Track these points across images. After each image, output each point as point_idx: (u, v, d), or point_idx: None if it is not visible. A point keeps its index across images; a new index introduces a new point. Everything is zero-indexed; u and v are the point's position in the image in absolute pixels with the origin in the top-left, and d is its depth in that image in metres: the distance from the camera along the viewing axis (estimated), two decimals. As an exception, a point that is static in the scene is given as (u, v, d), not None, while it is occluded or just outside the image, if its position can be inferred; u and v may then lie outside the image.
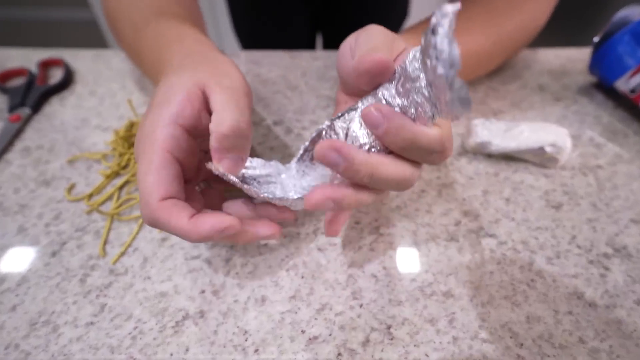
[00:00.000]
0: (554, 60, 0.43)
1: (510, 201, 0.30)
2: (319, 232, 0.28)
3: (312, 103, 0.38)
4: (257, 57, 0.44)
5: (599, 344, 0.22)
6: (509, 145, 0.31)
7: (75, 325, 0.23)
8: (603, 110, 0.37)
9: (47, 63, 0.42)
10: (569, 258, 0.26)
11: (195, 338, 0.23)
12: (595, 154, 0.33)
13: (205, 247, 0.27)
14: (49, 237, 0.28)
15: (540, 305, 0.24)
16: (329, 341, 0.22)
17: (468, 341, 0.22)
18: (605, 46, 0.36)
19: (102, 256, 0.26)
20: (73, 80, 0.42)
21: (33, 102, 0.37)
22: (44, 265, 0.26)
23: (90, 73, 0.42)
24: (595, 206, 0.29)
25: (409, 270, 0.26)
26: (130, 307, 0.24)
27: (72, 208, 0.29)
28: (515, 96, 0.39)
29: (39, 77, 0.40)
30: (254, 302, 0.24)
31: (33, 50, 0.44)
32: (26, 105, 0.37)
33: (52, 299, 0.24)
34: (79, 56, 0.44)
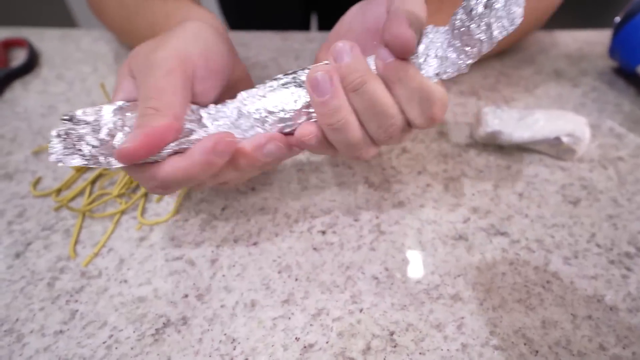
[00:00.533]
0: (572, 43, 0.44)
1: (524, 196, 0.30)
2: (315, 229, 0.28)
3: (306, 89, 0.38)
4: (246, 39, 0.44)
5: (621, 351, 0.22)
6: (522, 136, 0.31)
7: (42, 334, 0.23)
8: (624, 97, 0.38)
9: (8, 43, 0.42)
10: (587, 258, 0.26)
11: (178, 347, 0.23)
12: (616, 145, 0.34)
13: (189, 247, 0.27)
14: (12, 236, 0.27)
15: (556, 310, 0.24)
16: (326, 349, 0.22)
17: (478, 348, 0.22)
18: (628, 27, 0.36)
19: (73, 257, 0.26)
20: (38, 62, 0.41)
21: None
22: (7, 267, 0.26)
23: (57, 55, 0.42)
24: (616, 202, 0.30)
25: (413, 272, 0.26)
26: (104, 313, 0.24)
27: (38, 204, 0.29)
28: (529, 82, 0.39)
29: (0, 59, 0.40)
30: (243, 307, 0.24)
31: (-7, 29, 0.44)
32: (-14, 90, 0.37)
33: (16, 305, 0.24)
34: (45, 36, 0.44)
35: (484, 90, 0.38)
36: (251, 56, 0.42)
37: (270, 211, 0.29)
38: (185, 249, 0.27)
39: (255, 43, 0.44)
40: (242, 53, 0.42)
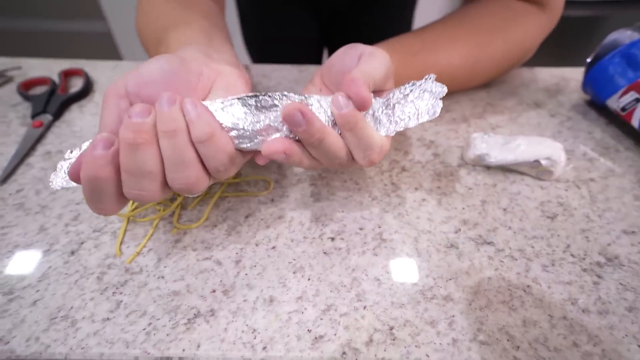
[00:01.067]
0: (549, 78, 0.44)
1: (508, 211, 0.30)
2: (325, 236, 0.28)
3: (319, 115, 0.39)
4: (267, 71, 0.45)
5: (592, 349, 0.22)
6: (506, 158, 0.32)
7: (92, 320, 0.23)
8: (596, 126, 0.38)
9: (68, 73, 0.44)
10: (563, 266, 0.26)
11: (206, 335, 0.23)
12: (588, 167, 0.34)
13: (217, 249, 0.27)
14: (68, 236, 0.28)
15: (535, 310, 0.24)
16: (334, 340, 0.23)
17: (467, 343, 0.23)
18: (597, 67, 0.37)
19: (119, 255, 0.27)
20: (92, 89, 0.43)
21: (54, 109, 0.39)
22: (64, 263, 0.26)
23: (108, 82, 0.43)
24: (588, 217, 0.30)
25: (410, 275, 0.26)
26: (144, 304, 0.24)
27: (90, 210, 0.29)
28: (513, 112, 0.39)
29: (60, 86, 0.41)
30: (263, 302, 0.24)
31: (55, 61, 0.46)
32: (48, 112, 0.38)
33: (70, 295, 0.25)
34: (98, 66, 0.45)
35: (473, 118, 0.39)
36: (271, 85, 0.43)
37: (287, 220, 0.29)
38: (213, 250, 0.27)
39: (275, 74, 0.45)
40: (263, 83, 0.43)
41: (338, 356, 0.22)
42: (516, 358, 0.22)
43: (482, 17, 0.36)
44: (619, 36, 0.37)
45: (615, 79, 0.36)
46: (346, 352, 0.22)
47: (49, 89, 0.40)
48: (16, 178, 0.32)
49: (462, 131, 0.37)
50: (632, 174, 0.33)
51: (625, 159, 0.35)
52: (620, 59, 0.36)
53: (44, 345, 0.22)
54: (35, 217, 0.29)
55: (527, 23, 0.37)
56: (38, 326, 0.23)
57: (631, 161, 0.34)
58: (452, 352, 0.22)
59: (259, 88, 0.43)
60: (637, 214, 0.30)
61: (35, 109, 0.38)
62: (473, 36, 0.35)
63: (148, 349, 0.22)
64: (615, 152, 0.35)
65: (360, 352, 0.22)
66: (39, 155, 0.35)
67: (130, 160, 0.19)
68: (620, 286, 0.25)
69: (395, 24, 0.65)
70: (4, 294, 0.25)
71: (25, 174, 0.33)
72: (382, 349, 0.22)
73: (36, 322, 0.23)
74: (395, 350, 0.22)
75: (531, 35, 0.37)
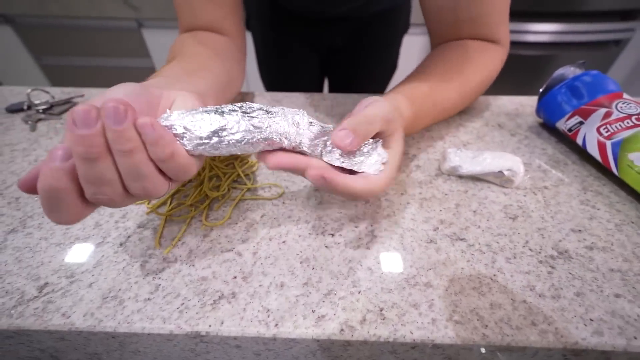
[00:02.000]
0: (509, 104, 0.44)
1: (477, 213, 0.30)
2: (326, 232, 0.28)
3: (321, 133, 0.39)
4: (279, 97, 0.46)
5: (547, 327, 0.22)
6: (475, 169, 0.32)
7: (136, 300, 0.24)
8: (548, 144, 0.38)
9: None
10: (523, 258, 0.26)
11: (228, 314, 0.23)
12: (542, 177, 0.34)
13: (238, 242, 0.27)
14: (117, 231, 0.28)
15: (500, 295, 0.24)
16: (334, 319, 0.23)
17: (444, 322, 0.22)
18: (548, 96, 0.37)
19: (158, 247, 0.27)
20: None
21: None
22: (114, 252, 0.27)
23: None
24: (543, 218, 0.30)
25: (397, 265, 0.26)
26: (178, 287, 0.24)
27: (136, 210, 0.30)
28: (480, 131, 0.40)
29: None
30: (275, 287, 0.24)
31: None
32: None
33: (119, 279, 0.25)
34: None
35: (448, 136, 0.39)
36: (283, 110, 0.43)
37: (295, 219, 0.29)
38: (234, 244, 0.27)
39: (286, 100, 0.45)
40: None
41: (337, 332, 0.22)
42: (485, 335, 0.22)
43: (463, 57, 0.36)
44: (565, 71, 0.37)
45: (562, 106, 0.36)
46: (344, 329, 0.22)
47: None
48: (76, 184, 0.33)
49: (439, 147, 0.38)
50: (578, 183, 0.33)
51: (572, 170, 0.35)
52: (566, 90, 0.36)
53: (98, 320, 0.22)
54: (92, 215, 0.30)
55: (493, 57, 0.37)
56: (93, 304, 0.23)
57: (577, 172, 0.34)
58: (431, 330, 0.22)
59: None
60: (582, 216, 0.30)
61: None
62: (460, 74, 0.36)
63: (181, 325, 0.22)
64: (564, 165, 0.35)
65: (355, 329, 0.22)
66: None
67: (87, 171, 0.16)
68: (569, 275, 0.25)
69: (382, 61, 0.66)
70: (67, 277, 0.25)
71: (84, 181, 0.33)
72: (373, 327, 0.22)
73: (91, 301, 0.23)
74: (384, 327, 0.22)
75: (496, 66, 0.38)
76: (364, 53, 0.62)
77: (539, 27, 1.13)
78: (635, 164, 0.30)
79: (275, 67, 0.65)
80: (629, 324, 0.22)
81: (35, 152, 0.36)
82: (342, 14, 0.55)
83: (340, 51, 0.63)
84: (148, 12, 1.14)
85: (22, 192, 0.25)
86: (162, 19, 1.16)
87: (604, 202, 0.31)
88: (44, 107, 0.42)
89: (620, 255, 0.26)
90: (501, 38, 0.38)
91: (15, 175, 0.33)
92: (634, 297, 0.24)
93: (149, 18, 1.16)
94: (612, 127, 0.32)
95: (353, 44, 0.61)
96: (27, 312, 0.23)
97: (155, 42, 1.24)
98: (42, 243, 0.27)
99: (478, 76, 0.37)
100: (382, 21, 0.59)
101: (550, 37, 1.15)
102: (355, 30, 0.59)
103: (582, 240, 0.28)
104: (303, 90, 0.50)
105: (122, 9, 1.14)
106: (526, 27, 1.13)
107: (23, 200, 0.31)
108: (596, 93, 0.34)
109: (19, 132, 0.39)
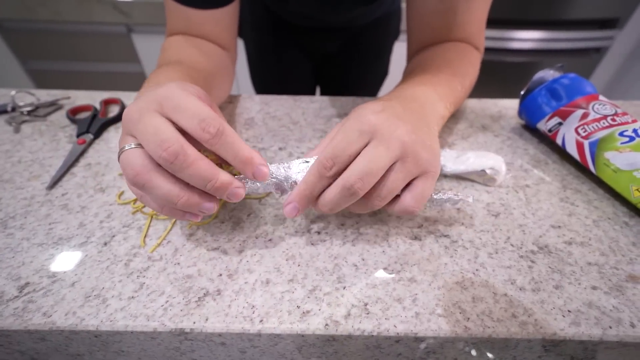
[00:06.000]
0: (493, 107, 0.46)
1: (461, 210, 0.31)
2: (313, 231, 0.29)
3: (309, 134, 0.40)
4: (268, 100, 0.46)
5: (527, 319, 0.23)
6: (459, 168, 0.33)
7: (120, 298, 0.23)
8: (530, 144, 0.39)
9: (107, 101, 0.44)
10: (504, 253, 0.27)
11: (213, 311, 0.23)
12: (524, 176, 0.35)
13: (224, 241, 0.28)
14: (102, 230, 0.28)
15: (482, 289, 0.24)
16: (319, 315, 0.23)
17: (427, 315, 0.23)
18: (529, 98, 0.39)
19: (143, 246, 0.27)
20: None
21: (95, 130, 0.39)
22: (98, 252, 0.27)
23: None
24: (524, 215, 0.30)
25: (382, 261, 0.26)
26: (163, 285, 0.24)
27: (120, 209, 0.30)
28: (465, 133, 0.41)
29: (101, 112, 0.42)
30: (260, 284, 0.25)
31: (97, 92, 0.47)
32: (90, 132, 0.39)
33: (102, 278, 0.25)
34: (132, 97, 0.46)
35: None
36: (271, 111, 0.44)
37: (281, 217, 0.30)
38: (220, 242, 0.27)
39: (274, 103, 0.46)
40: (265, 109, 0.44)
41: (322, 327, 0.22)
42: (467, 327, 0.22)
43: (458, 56, 0.37)
44: (544, 74, 0.39)
45: (542, 108, 0.37)
46: (328, 324, 0.22)
47: (92, 114, 0.41)
48: (62, 184, 0.33)
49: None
50: (557, 181, 0.34)
51: (552, 169, 0.36)
52: (545, 92, 0.37)
53: (80, 319, 0.22)
54: (76, 216, 0.29)
55: (478, 59, 0.39)
56: (75, 303, 0.23)
57: (557, 171, 0.35)
58: (415, 323, 0.22)
59: (262, 114, 0.43)
60: (561, 212, 0.31)
61: (80, 129, 0.39)
62: (459, 68, 0.36)
63: (165, 322, 0.22)
64: (545, 165, 0.36)
65: (340, 324, 0.22)
66: (81, 167, 0.35)
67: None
68: (549, 269, 0.26)
69: (373, 67, 0.67)
70: (48, 277, 0.25)
71: (69, 181, 0.33)
72: (358, 322, 0.22)
73: (74, 300, 0.23)
74: (368, 322, 0.22)
75: (478, 68, 0.39)
76: (357, 60, 0.64)
77: (523, 34, 1.18)
78: (611, 162, 0.31)
79: (268, 72, 0.66)
80: (604, 314, 0.23)
81: (19, 153, 0.36)
82: (339, 23, 0.56)
83: (333, 58, 0.64)
84: (138, 17, 1.15)
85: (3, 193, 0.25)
86: (152, 24, 1.16)
87: (583, 200, 0.32)
88: (28, 109, 0.42)
89: (598, 249, 0.27)
90: (480, 45, 0.40)
91: (-3, 176, 0.33)
92: (609, 289, 0.25)
93: (139, 23, 1.16)
94: (589, 127, 0.34)
95: (346, 50, 0.62)
96: (6, 312, 0.22)
97: (145, 47, 1.24)
98: (24, 243, 0.27)
99: (472, 73, 0.38)
100: (375, 29, 0.61)
101: (534, 44, 1.20)
102: (349, 37, 0.60)
103: (561, 235, 0.29)
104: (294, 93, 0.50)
105: (112, 14, 1.14)
106: (511, 35, 1.18)
107: (5, 201, 0.31)
108: (574, 95, 0.36)
109: (2, 133, 0.39)
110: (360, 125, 0.22)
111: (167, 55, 0.35)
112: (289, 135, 0.40)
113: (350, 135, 0.22)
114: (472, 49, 0.39)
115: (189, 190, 0.21)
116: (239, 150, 0.21)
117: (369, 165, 0.21)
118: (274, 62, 0.64)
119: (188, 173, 0.20)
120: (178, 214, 0.23)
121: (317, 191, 0.23)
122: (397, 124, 0.23)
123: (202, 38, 0.38)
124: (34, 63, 1.29)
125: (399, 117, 0.23)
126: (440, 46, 0.38)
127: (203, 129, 0.20)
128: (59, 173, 0.33)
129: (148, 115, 0.20)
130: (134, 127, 0.21)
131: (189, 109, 0.20)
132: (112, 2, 1.11)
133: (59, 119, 0.42)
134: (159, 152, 0.19)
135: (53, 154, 0.36)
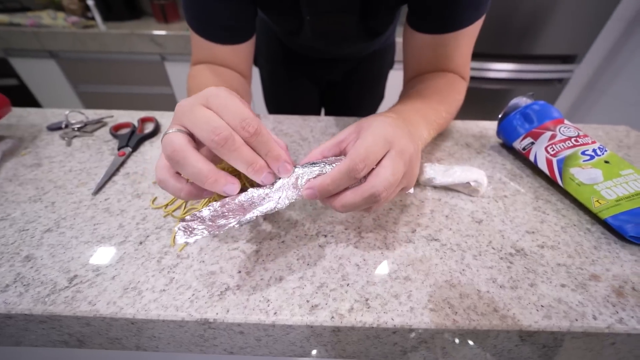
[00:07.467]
0: (475, 128, 0.46)
1: (449, 217, 0.31)
2: (320, 234, 0.28)
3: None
4: (281, 119, 0.47)
5: (507, 312, 0.23)
6: (447, 181, 0.33)
7: (153, 291, 0.24)
8: (507, 160, 0.39)
9: (144, 119, 0.45)
10: (487, 255, 0.27)
11: (234, 303, 0.23)
12: (502, 188, 0.35)
13: (242, 241, 0.27)
14: (138, 231, 0.28)
15: (468, 287, 0.24)
16: (325, 308, 0.23)
17: (420, 310, 0.23)
18: (505, 121, 0.39)
19: (172, 246, 0.27)
20: (160, 130, 0.44)
21: (134, 144, 0.40)
22: (134, 250, 0.27)
23: None
24: (503, 222, 0.30)
25: (380, 262, 0.26)
26: (190, 280, 0.24)
27: (154, 213, 0.30)
28: (451, 149, 0.41)
29: (138, 128, 0.43)
30: (275, 280, 0.24)
31: (136, 112, 0.47)
32: (129, 146, 0.39)
33: (138, 273, 0.25)
34: (165, 115, 0.47)
35: (424, 154, 0.40)
36: (283, 129, 0.44)
37: (293, 222, 0.30)
38: (240, 242, 0.27)
39: (286, 121, 0.46)
40: (278, 127, 0.45)
41: (328, 319, 0.22)
42: (455, 320, 0.22)
43: (447, 85, 0.37)
44: (518, 101, 0.39)
45: (517, 129, 0.38)
46: (334, 317, 0.22)
47: (131, 130, 0.42)
48: (105, 190, 0.33)
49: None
50: (531, 193, 0.34)
51: (526, 182, 0.36)
52: (520, 116, 0.38)
53: (119, 308, 0.22)
54: (116, 218, 0.30)
55: (464, 87, 0.39)
56: (115, 294, 0.23)
57: (530, 184, 0.35)
58: (409, 317, 0.22)
59: (275, 131, 0.44)
60: (535, 220, 0.31)
61: (120, 143, 0.39)
62: (447, 97, 0.36)
63: (191, 313, 0.22)
64: (520, 178, 0.36)
65: (344, 316, 0.22)
66: (121, 175, 0.35)
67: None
68: (525, 269, 0.26)
69: (371, 92, 0.68)
70: (93, 271, 0.25)
71: (111, 188, 0.33)
72: (360, 315, 0.22)
73: (114, 291, 0.23)
74: (369, 315, 0.22)
75: (463, 95, 0.40)
76: (357, 86, 0.65)
77: (499, 66, 1.20)
78: (576, 177, 0.32)
79: (281, 96, 0.67)
80: (571, 308, 0.23)
81: (70, 163, 0.37)
82: (342, 55, 0.57)
83: (337, 84, 0.65)
84: (170, 48, 1.18)
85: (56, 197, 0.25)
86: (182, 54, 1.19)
87: (552, 209, 0.32)
88: (78, 126, 0.43)
89: (565, 252, 0.27)
90: (466, 75, 0.40)
91: (52, 183, 0.34)
92: (575, 286, 0.24)
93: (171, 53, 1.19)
94: (557, 147, 0.34)
95: (348, 78, 0.63)
96: (58, 300, 0.23)
97: (175, 72, 1.27)
98: (73, 241, 0.27)
99: (458, 99, 0.38)
100: (373, 59, 0.62)
101: (508, 74, 1.22)
102: (351, 67, 0.61)
103: (535, 240, 0.28)
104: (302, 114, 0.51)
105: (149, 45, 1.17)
106: (488, 66, 1.20)
107: (58, 204, 0.31)
108: (543, 119, 0.36)
109: (57, 146, 0.40)
110: (385, 134, 0.22)
111: (196, 82, 0.36)
112: (298, 149, 0.40)
113: (379, 141, 0.22)
114: (459, 79, 0.39)
115: (216, 172, 0.21)
116: (271, 149, 0.21)
117: (393, 178, 0.21)
118: (285, 88, 0.65)
119: (234, 156, 0.20)
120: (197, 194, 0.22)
121: (340, 189, 0.22)
122: (406, 138, 0.23)
123: (224, 66, 0.39)
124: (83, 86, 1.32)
125: (403, 132, 0.24)
126: (431, 75, 0.39)
127: (244, 127, 0.20)
128: (102, 181, 0.34)
129: (198, 108, 0.20)
130: (184, 117, 0.20)
131: (233, 108, 0.20)
132: (149, 36, 1.15)
133: (103, 134, 0.42)
134: (212, 136, 0.19)
135: (98, 164, 0.37)
